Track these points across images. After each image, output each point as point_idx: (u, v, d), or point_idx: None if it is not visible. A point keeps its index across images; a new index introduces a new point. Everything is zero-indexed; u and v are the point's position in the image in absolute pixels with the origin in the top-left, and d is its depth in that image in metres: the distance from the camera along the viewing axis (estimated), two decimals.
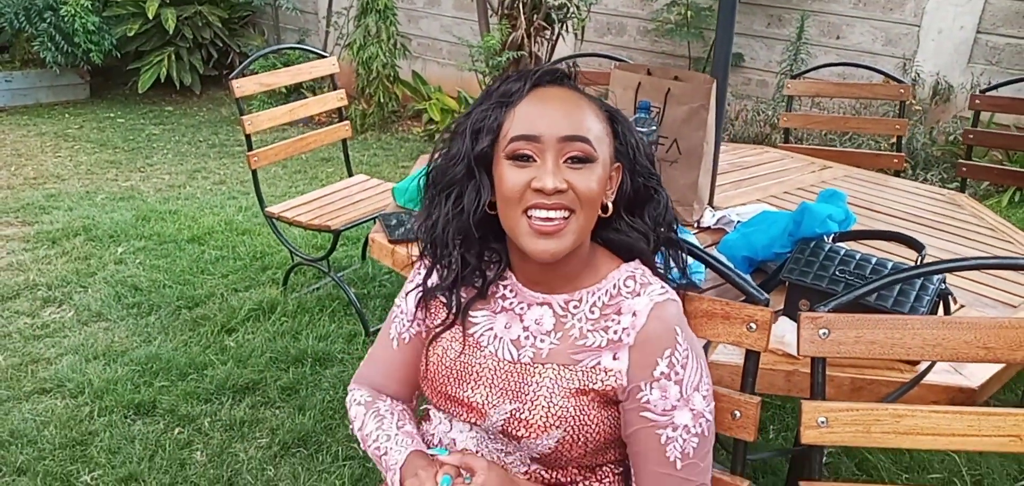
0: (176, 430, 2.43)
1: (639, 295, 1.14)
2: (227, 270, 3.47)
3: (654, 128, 1.93)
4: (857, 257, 1.55)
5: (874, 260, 1.54)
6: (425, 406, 1.30)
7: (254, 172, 3.03)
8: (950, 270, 1.26)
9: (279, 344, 2.89)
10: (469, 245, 1.17)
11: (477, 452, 1.20)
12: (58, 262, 3.52)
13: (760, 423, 2.62)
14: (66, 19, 6.02)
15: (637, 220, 1.18)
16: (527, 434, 1.13)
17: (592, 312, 1.16)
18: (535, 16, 5.22)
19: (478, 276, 1.20)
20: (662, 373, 1.10)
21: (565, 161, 1.08)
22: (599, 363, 1.13)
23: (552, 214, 1.07)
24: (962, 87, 4.72)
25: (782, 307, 1.62)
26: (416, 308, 1.26)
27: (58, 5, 6.07)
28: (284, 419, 2.49)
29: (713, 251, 1.88)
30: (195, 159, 5.29)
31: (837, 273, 1.52)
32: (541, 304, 1.18)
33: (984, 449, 1.22)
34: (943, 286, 1.47)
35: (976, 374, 1.46)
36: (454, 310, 1.21)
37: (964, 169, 3.01)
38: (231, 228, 3.92)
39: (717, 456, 2.27)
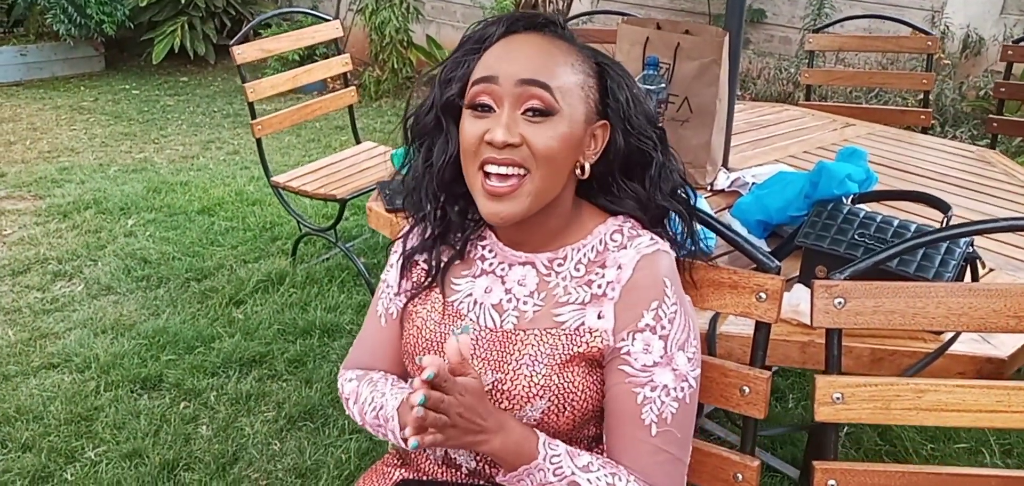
0: (182, 404, 2.41)
1: (625, 248, 1.07)
2: (236, 241, 3.44)
3: (663, 85, 1.84)
4: (878, 219, 1.46)
5: (896, 222, 1.44)
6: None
7: (259, 140, 2.97)
8: (979, 232, 1.16)
9: (287, 316, 2.85)
10: (447, 200, 1.11)
11: None
12: (69, 236, 3.51)
13: (779, 391, 2.55)
14: None
15: (635, 184, 1.10)
16: (510, 406, 1.06)
17: (577, 269, 1.08)
18: None
19: (458, 236, 1.14)
20: (647, 325, 1.03)
21: (523, 113, 1.00)
22: (583, 323, 1.05)
23: (504, 170, 1.00)
24: (994, 39, 4.52)
25: (797, 274, 1.53)
26: (400, 278, 1.20)
27: None
28: (290, 392, 2.45)
29: (725, 215, 1.79)
30: (209, 129, 5.25)
31: (856, 237, 1.43)
32: (524, 264, 1.11)
33: (1013, 426, 1.13)
34: (971, 250, 1.37)
35: (1006, 343, 1.37)
36: (433, 271, 1.14)
37: (995, 125, 2.87)
38: (242, 199, 3.88)
39: (728, 431, 2.19)
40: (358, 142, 3.34)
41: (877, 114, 2.89)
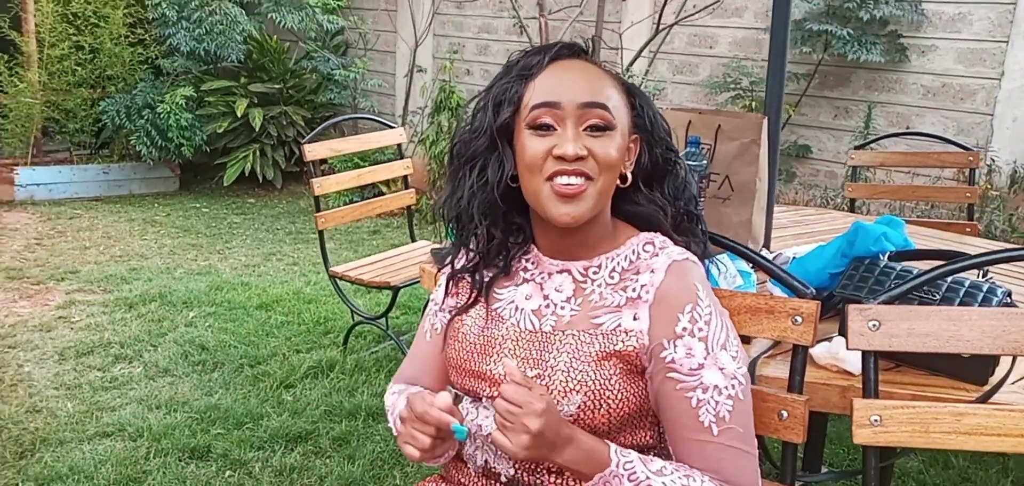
0: (227, 473, 2.45)
1: (657, 256, 1.15)
2: (291, 333, 3.55)
3: (705, 162, 1.93)
4: (914, 272, 1.49)
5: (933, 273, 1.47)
6: (453, 391, 1.29)
7: (321, 233, 3.13)
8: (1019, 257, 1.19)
9: (335, 398, 2.90)
10: (494, 219, 1.19)
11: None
12: (133, 324, 3.67)
13: (815, 447, 2.46)
14: (162, 116, 6.47)
15: (656, 194, 1.20)
16: None
17: (611, 276, 1.16)
18: None
19: (502, 255, 1.21)
20: (684, 329, 1.08)
21: (585, 129, 1.11)
22: (619, 325, 1.12)
23: (573, 179, 1.09)
24: None
25: (836, 331, 1.55)
26: (445, 295, 1.28)
27: (156, 103, 6.55)
28: (333, 467, 2.48)
29: (767, 286, 1.83)
30: (272, 244, 5.49)
31: (893, 287, 1.46)
32: (561, 271, 1.19)
33: None
34: (1008, 299, 1.39)
35: None
36: (478, 288, 1.22)
37: None
38: (298, 297, 4.02)
39: (764, 470, 2.14)
40: (413, 240, 3.48)
41: (921, 225, 2.90)
